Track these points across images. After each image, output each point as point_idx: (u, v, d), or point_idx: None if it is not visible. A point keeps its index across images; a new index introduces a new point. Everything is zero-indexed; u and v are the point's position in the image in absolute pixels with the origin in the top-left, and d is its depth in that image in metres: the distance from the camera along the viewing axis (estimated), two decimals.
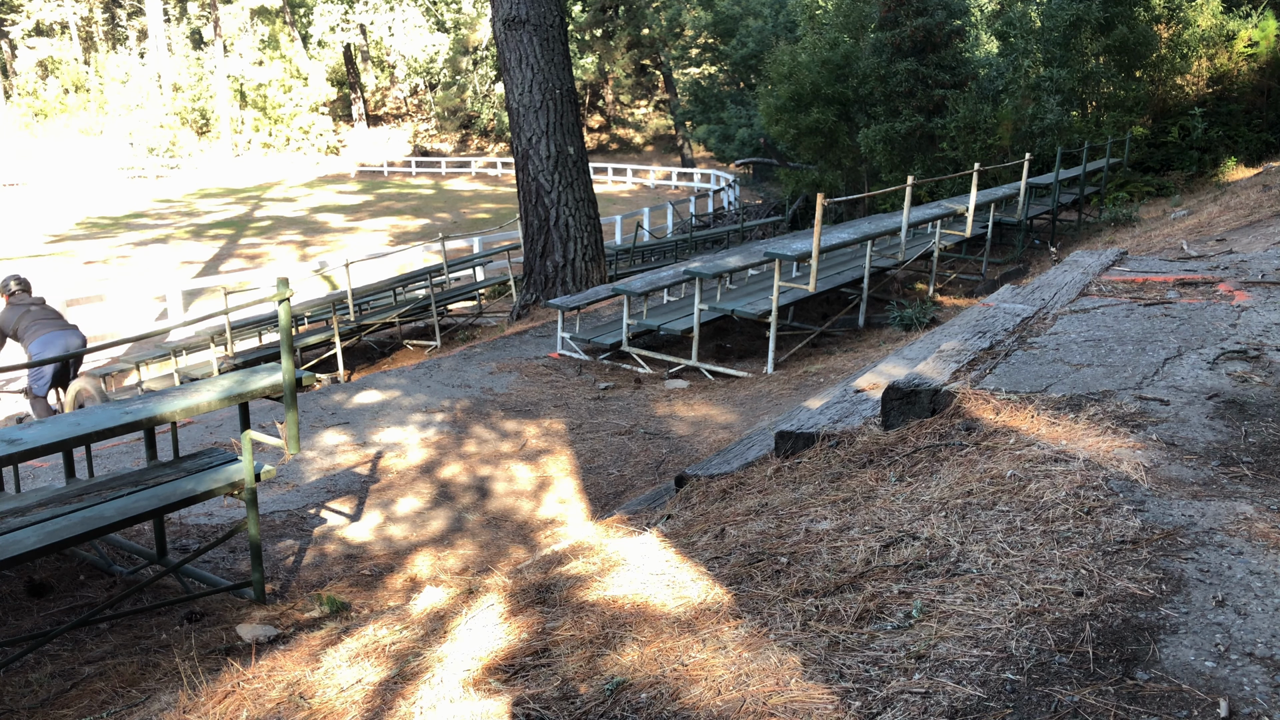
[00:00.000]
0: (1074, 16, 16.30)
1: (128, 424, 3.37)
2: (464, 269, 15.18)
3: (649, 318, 8.67)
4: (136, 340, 6.71)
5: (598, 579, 2.14)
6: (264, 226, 30.02)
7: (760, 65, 27.59)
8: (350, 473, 5.66)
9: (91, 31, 58.18)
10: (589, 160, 11.98)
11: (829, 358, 7.98)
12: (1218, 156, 16.07)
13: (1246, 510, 1.80)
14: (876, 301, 9.67)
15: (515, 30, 10.75)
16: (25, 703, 2.97)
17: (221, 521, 4.80)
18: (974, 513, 1.97)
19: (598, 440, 6.09)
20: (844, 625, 1.64)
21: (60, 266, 22.81)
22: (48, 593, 3.81)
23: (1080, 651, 1.43)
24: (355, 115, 52.79)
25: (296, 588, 4.11)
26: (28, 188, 41.16)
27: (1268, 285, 3.51)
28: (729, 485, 2.94)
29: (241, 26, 51.61)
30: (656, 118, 47.41)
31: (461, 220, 30.04)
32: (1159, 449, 2.13)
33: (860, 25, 20.09)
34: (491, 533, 4.88)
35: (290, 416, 3.86)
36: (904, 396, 2.68)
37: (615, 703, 1.56)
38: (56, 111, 51.40)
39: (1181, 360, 2.72)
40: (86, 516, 3.38)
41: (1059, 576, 1.65)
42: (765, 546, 2.08)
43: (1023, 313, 3.43)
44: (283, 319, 3.69)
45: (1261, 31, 16.29)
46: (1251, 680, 1.32)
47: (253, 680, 2.05)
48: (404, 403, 7.07)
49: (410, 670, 1.90)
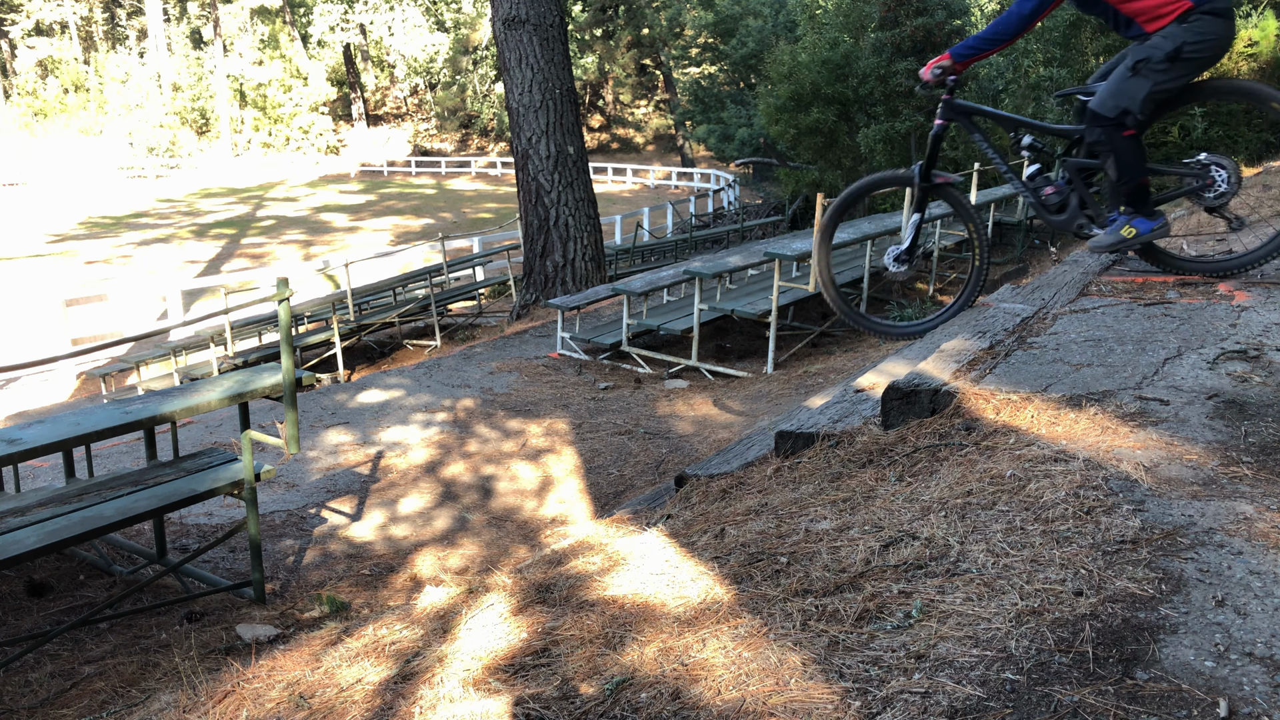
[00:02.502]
0: (1074, 16, 16.29)
1: (128, 424, 3.37)
2: (464, 269, 15.18)
3: (649, 318, 8.67)
4: (136, 340, 6.71)
5: (599, 578, 2.14)
6: (267, 226, 30.04)
7: (760, 65, 27.59)
8: (351, 472, 5.66)
9: (91, 31, 58.17)
10: (589, 160, 11.98)
11: (829, 358, 7.98)
12: None
13: (1246, 510, 1.80)
14: (876, 301, 9.67)
15: (515, 30, 10.75)
16: (25, 702, 2.98)
17: (221, 521, 4.80)
18: (974, 512, 1.97)
19: (598, 440, 6.09)
20: (844, 625, 1.64)
21: (62, 266, 22.82)
22: (48, 592, 3.81)
23: (1080, 651, 1.43)
24: (355, 115, 52.79)
25: (297, 587, 4.11)
26: (28, 187, 41.17)
27: (1268, 285, 3.51)
28: (729, 485, 2.94)
29: (241, 26, 51.60)
30: (656, 117, 47.41)
31: (463, 220, 30.06)
32: (1159, 449, 2.14)
33: (860, 25, 20.08)
34: (494, 532, 4.88)
35: (290, 416, 3.86)
36: (904, 396, 2.68)
37: (615, 702, 1.56)
38: (56, 111, 51.41)
39: (1181, 360, 2.72)
40: (86, 516, 3.38)
41: (1059, 576, 1.65)
42: (765, 546, 2.08)
43: (1023, 312, 3.43)
44: (282, 319, 3.70)
45: (1261, 31, 16.29)
46: (1251, 680, 1.32)
47: (253, 680, 2.05)
48: (405, 402, 7.07)
49: (411, 670, 1.90)
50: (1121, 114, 3.45)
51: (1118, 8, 3.48)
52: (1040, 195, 3.86)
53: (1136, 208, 3.61)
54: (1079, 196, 3.77)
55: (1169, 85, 3.40)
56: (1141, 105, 3.42)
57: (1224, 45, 3.40)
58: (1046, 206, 3.85)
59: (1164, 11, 3.36)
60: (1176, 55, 3.35)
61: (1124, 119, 3.45)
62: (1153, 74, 3.38)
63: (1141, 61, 3.41)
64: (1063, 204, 3.81)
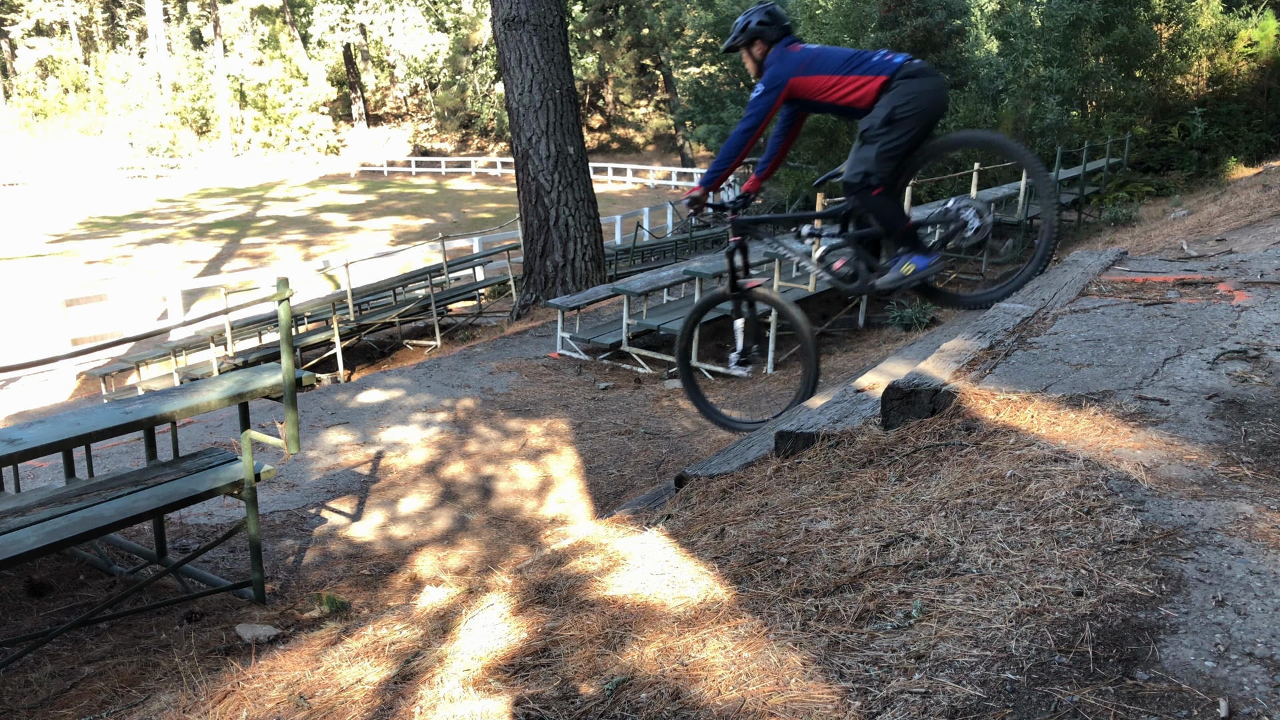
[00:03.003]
0: (1074, 16, 16.31)
1: (128, 424, 3.37)
2: (464, 269, 15.18)
3: (649, 317, 8.67)
4: (136, 340, 6.71)
5: (599, 578, 2.14)
6: (267, 226, 30.03)
7: None
8: (351, 472, 5.66)
9: (91, 31, 58.17)
10: (589, 160, 11.98)
11: (829, 358, 7.98)
12: (1218, 156, 16.08)
13: (1246, 510, 1.80)
14: (876, 301, 9.67)
15: (515, 30, 10.74)
16: (25, 702, 2.98)
17: (221, 521, 4.80)
18: (974, 512, 1.97)
19: (598, 440, 6.09)
20: (844, 625, 1.64)
21: (62, 266, 22.82)
22: (48, 593, 3.81)
23: (1080, 651, 1.43)
24: (355, 115, 52.79)
25: (297, 587, 4.11)
26: (28, 187, 41.17)
27: (1268, 285, 3.51)
28: (729, 485, 2.94)
29: (241, 26, 51.60)
30: (656, 117, 47.40)
31: (464, 220, 30.06)
32: (1159, 449, 2.13)
33: (860, 25, 20.09)
34: (494, 532, 4.88)
35: (290, 416, 3.86)
36: (904, 396, 2.68)
37: (615, 702, 1.56)
38: (56, 111, 51.39)
39: (1181, 360, 2.72)
40: (86, 516, 3.38)
41: (1059, 576, 1.65)
42: (765, 546, 2.08)
43: (1023, 312, 3.43)
44: (282, 319, 3.70)
45: (1261, 31, 16.29)
46: (1251, 680, 1.32)
47: (252, 680, 2.05)
48: (405, 402, 7.07)
49: (411, 670, 1.90)
50: (864, 177, 3.93)
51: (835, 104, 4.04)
52: (833, 270, 4.26)
53: (912, 248, 4.04)
54: (864, 262, 4.19)
55: (897, 143, 3.89)
56: (877, 165, 3.91)
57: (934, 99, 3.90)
58: (841, 278, 4.25)
59: (867, 92, 3.92)
60: (891, 118, 3.86)
61: (868, 180, 3.93)
62: (877, 138, 3.88)
63: (865, 131, 3.94)
64: (854, 273, 4.23)
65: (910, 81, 3.87)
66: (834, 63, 3.99)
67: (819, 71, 3.99)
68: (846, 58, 3.99)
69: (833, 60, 4.00)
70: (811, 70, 3.99)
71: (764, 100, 3.99)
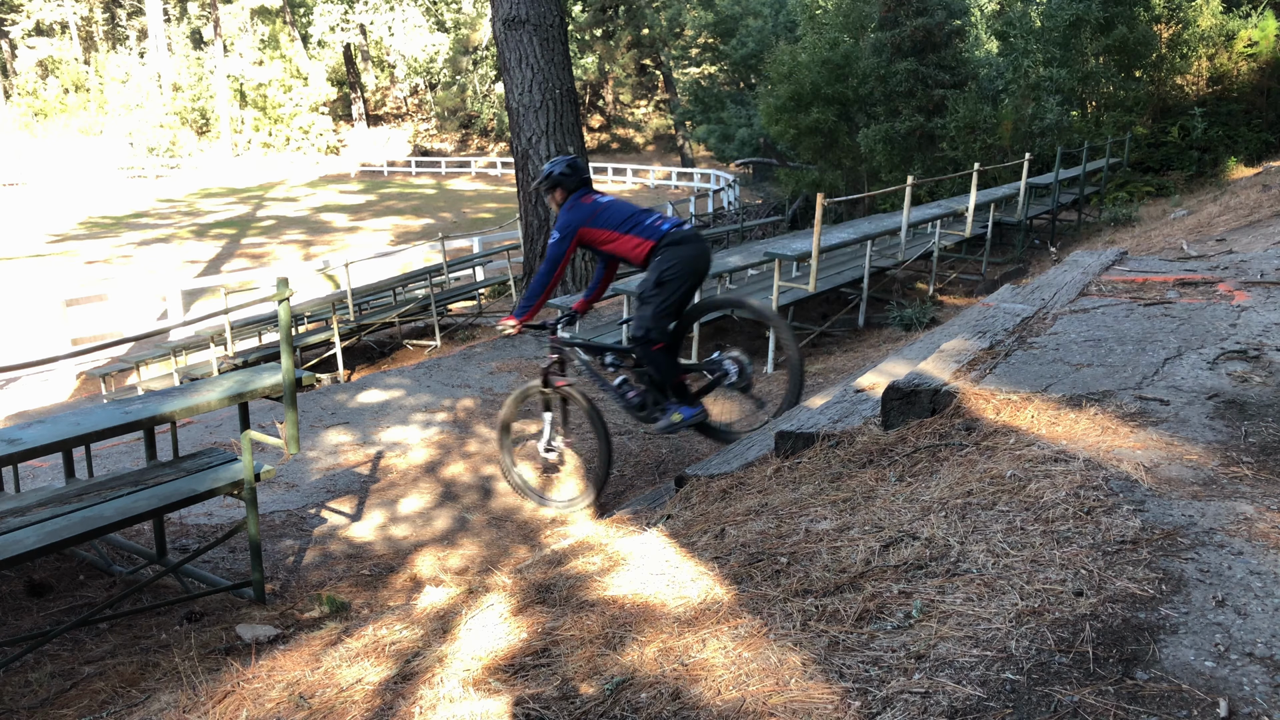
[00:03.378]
0: (1074, 16, 16.30)
1: (128, 424, 3.37)
2: (464, 269, 15.17)
3: None
4: (136, 340, 6.71)
5: (599, 578, 2.14)
6: (267, 226, 30.01)
7: (760, 65, 27.60)
8: (351, 472, 5.66)
9: (91, 31, 58.16)
10: (589, 160, 11.97)
11: (829, 358, 7.97)
12: (1218, 156, 16.07)
13: (1246, 510, 1.80)
14: (876, 301, 9.66)
15: (515, 30, 10.74)
16: (25, 703, 2.97)
17: (221, 521, 4.80)
18: (974, 513, 1.97)
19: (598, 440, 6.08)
20: (844, 625, 1.64)
21: (62, 266, 22.81)
22: (47, 593, 3.81)
23: (1080, 651, 1.43)
24: (355, 115, 52.76)
25: (297, 587, 4.11)
26: (28, 187, 41.16)
27: (1268, 285, 3.51)
28: (729, 485, 2.94)
29: (241, 26, 51.56)
30: (656, 118, 47.39)
31: (464, 220, 30.04)
32: (1159, 449, 2.13)
33: (860, 25, 20.08)
34: (494, 532, 4.88)
35: (290, 416, 3.86)
36: (904, 396, 2.68)
37: (615, 702, 1.56)
38: (56, 111, 51.37)
39: (1181, 360, 2.72)
40: (86, 516, 3.38)
41: (1059, 576, 1.65)
42: (765, 546, 2.08)
43: (1023, 312, 3.43)
44: (282, 319, 3.69)
45: (1261, 31, 16.29)
46: (1251, 680, 1.32)
47: (253, 680, 2.05)
48: (405, 402, 7.07)
49: (411, 670, 1.90)
50: (646, 333, 4.38)
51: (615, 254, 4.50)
52: (626, 397, 4.70)
53: (680, 399, 4.55)
54: (652, 395, 4.63)
55: (667, 302, 4.34)
56: (655, 324, 4.36)
57: (696, 263, 4.38)
58: (631, 405, 4.69)
59: (639, 252, 4.40)
60: (660, 280, 4.33)
61: (649, 336, 4.37)
62: (651, 299, 4.36)
63: (640, 294, 4.44)
64: (643, 402, 4.66)
65: (673, 249, 4.32)
66: (616, 219, 4.43)
67: (602, 226, 4.44)
68: (626, 215, 4.43)
69: (616, 216, 4.44)
70: (596, 223, 4.44)
71: (558, 248, 4.45)
